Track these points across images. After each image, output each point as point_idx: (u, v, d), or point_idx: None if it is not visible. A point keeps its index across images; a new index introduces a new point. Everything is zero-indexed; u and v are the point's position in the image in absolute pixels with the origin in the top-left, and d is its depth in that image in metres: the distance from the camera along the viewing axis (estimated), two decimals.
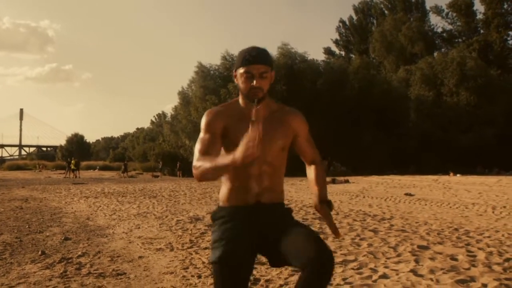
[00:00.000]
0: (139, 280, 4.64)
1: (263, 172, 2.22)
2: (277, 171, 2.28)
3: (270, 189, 2.26)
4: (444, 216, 9.10)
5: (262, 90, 2.16)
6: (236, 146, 1.91)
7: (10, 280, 4.61)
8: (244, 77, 2.16)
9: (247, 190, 2.21)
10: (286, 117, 2.32)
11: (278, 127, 2.26)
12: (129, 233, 7.52)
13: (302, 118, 2.39)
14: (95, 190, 17.83)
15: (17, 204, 12.49)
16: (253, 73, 2.13)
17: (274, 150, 2.24)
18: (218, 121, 2.21)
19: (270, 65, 2.19)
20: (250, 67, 2.14)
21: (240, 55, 2.19)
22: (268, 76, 2.18)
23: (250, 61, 2.14)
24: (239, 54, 2.21)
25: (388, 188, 17.81)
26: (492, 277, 4.24)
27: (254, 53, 2.16)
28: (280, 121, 2.29)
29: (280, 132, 2.27)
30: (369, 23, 57.65)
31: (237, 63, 2.19)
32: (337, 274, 4.51)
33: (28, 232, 7.67)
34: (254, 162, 2.10)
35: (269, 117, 2.25)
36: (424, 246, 5.78)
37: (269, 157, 2.22)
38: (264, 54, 2.18)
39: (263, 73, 2.15)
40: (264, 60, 2.16)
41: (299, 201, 12.41)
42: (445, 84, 40.61)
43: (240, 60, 2.17)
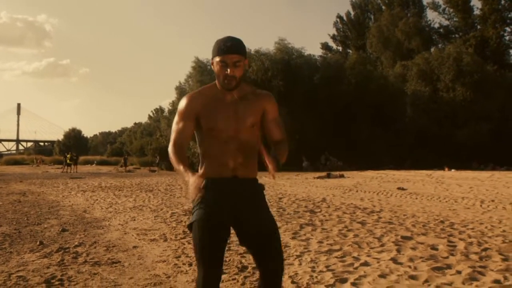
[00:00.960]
0: (133, 268, 4.85)
1: (238, 148, 2.44)
2: (250, 148, 2.48)
3: (244, 164, 2.47)
4: (433, 209, 9.33)
5: (236, 78, 2.38)
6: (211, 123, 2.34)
7: (10, 268, 4.82)
8: (219, 66, 2.38)
9: (223, 165, 2.43)
10: (257, 97, 2.53)
11: (249, 106, 2.48)
12: (125, 225, 7.73)
13: (272, 98, 2.60)
14: (92, 184, 18.03)
15: (16, 197, 12.70)
16: (227, 62, 2.35)
17: (246, 126, 2.45)
18: (193, 106, 2.43)
19: (243, 55, 2.39)
20: (224, 56, 2.35)
21: (216, 45, 2.40)
22: (241, 64, 2.38)
23: (225, 51, 2.35)
24: (215, 44, 2.41)
25: (382, 182, 18.04)
26: (467, 264, 4.48)
27: (229, 43, 2.37)
28: (251, 101, 2.50)
29: (250, 110, 2.47)
30: (366, 19, 57.78)
31: (213, 52, 2.40)
32: (320, 262, 4.74)
33: (26, 224, 7.88)
34: (230, 139, 2.38)
35: (242, 98, 2.48)
36: (408, 237, 6.02)
37: (242, 135, 2.44)
38: (238, 44, 2.39)
39: (237, 62, 2.36)
40: (238, 50, 2.37)
41: (292, 195, 12.64)
42: (441, 79, 40.79)
43: (216, 50, 2.38)
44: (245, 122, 2.45)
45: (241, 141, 2.44)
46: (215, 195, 2.40)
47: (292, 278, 4.21)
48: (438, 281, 3.97)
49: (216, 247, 2.35)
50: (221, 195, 2.41)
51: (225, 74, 2.37)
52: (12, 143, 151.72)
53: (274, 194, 13.01)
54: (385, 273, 4.25)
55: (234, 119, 2.42)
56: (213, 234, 2.34)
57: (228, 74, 2.36)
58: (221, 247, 2.39)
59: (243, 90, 2.51)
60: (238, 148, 2.44)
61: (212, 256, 2.34)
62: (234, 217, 2.44)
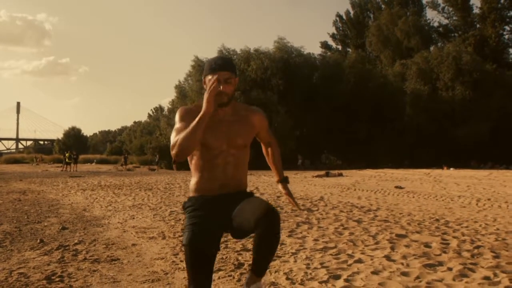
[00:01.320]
0: (132, 265, 4.95)
1: (228, 163, 2.55)
2: (240, 163, 2.61)
3: (234, 178, 2.58)
4: (429, 208, 9.43)
5: (227, 94, 2.48)
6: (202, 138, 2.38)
7: (11, 265, 4.92)
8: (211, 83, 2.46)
9: (214, 179, 2.54)
10: (249, 117, 2.64)
11: (242, 126, 2.59)
12: (124, 223, 7.83)
13: (262, 116, 2.73)
14: (92, 183, 18.13)
15: (16, 196, 12.79)
16: (219, 79, 2.44)
17: (238, 144, 2.57)
18: (188, 117, 2.49)
19: (234, 72, 2.51)
20: (215, 74, 2.45)
21: (207, 64, 2.52)
22: (232, 81, 2.50)
23: (216, 69, 2.46)
24: (206, 63, 2.54)
25: (380, 181, 18.14)
26: (459, 262, 4.57)
27: (220, 61, 2.49)
28: (244, 120, 2.62)
29: (243, 130, 2.59)
30: (366, 17, 57.83)
31: (205, 71, 2.52)
32: (315, 259, 4.83)
33: (27, 223, 7.98)
34: (220, 155, 2.45)
35: (233, 116, 2.59)
36: (402, 235, 6.11)
37: (232, 150, 2.55)
38: (228, 62, 2.53)
39: (228, 79, 2.47)
40: (228, 68, 2.49)
41: None
42: (440, 78, 40.91)
43: (208, 68, 2.50)
44: (236, 140, 2.56)
45: (231, 157, 2.55)
46: (202, 213, 2.50)
47: (287, 274, 4.30)
48: (429, 277, 4.06)
49: (204, 267, 2.45)
50: (208, 214, 2.49)
51: (217, 91, 2.45)
52: (12, 142, 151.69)
53: (273, 193, 13.10)
54: (378, 269, 4.34)
55: (225, 136, 2.53)
56: (201, 256, 2.42)
57: (220, 90, 2.44)
58: (210, 265, 2.48)
59: (235, 108, 2.62)
60: (228, 163, 2.54)
61: (201, 275, 2.44)
62: (224, 226, 2.53)
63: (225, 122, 2.56)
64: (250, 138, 2.67)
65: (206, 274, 2.46)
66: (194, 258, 2.42)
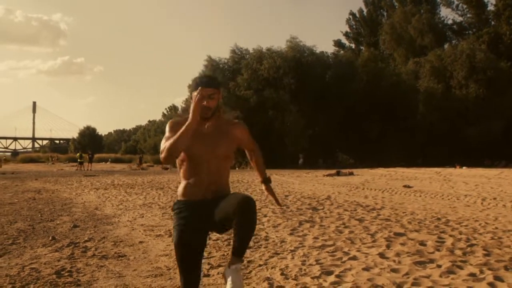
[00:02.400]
0: (137, 261, 5.20)
1: (211, 171, 2.82)
2: (222, 171, 2.88)
3: (217, 184, 2.84)
4: (433, 207, 9.57)
5: (210, 108, 2.78)
6: (188, 148, 2.70)
7: (24, 260, 5.20)
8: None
9: (198, 185, 2.80)
10: (230, 130, 2.90)
11: (224, 138, 2.85)
12: (133, 222, 8.10)
13: (243, 127, 2.98)
14: (105, 182, 18.50)
15: (31, 195, 13.15)
16: (204, 94, 2.73)
17: (219, 155, 2.83)
18: (177, 127, 2.76)
19: (217, 88, 2.81)
20: (201, 90, 2.73)
21: (194, 81, 2.81)
22: (216, 97, 2.80)
23: (201, 85, 2.75)
24: (193, 80, 2.82)
25: (390, 180, 18.26)
26: (449, 259, 4.75)
27: (205, 79, 2.80)
28: (226, 134, 2.88)
29: (225, 142, 2.85)
30: (379, 15, 57.69)
31: (192, 87, 2.80)
32: (312, 256, 5.05)
33: (40, 221, 8.29)
34: (204, 163, 2.77)
35: (217, 128, 2.86)
36: (400, 233, 6.29)
37: (215, 160, 2.82)
38: (212, 79, 2.84)
39: (211, 94, 2.77)
40: (212, 85, 2.79)
41: (298, 193, 12.94)
42: (454, 76, 40.72)
43: (194, 85, 2.78)
44: (218, 151, 2.82)
45: (214, 166, 2.81)
46: (188, 215, 2.78)
47: (283, 270, 4.51)
48: (417, 274, 4.25)
49: (192, 261, 2.76)
50: (194, 216, 2.77)
51: (202, 105, 2.74)
52: (28, 141, 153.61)
53: (281, 192, 13.32)
54: (369, 266, 4.54)
55: (208, 147, 2.80)
56: (189, 252, 2.73)
57: (204, 105, 2.74)
58: (197, 260, 2.79)
59: (218, 121, 2.89)
60: (211, 171, 2.81)
61: (189, 268, 2.76)
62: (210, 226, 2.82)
63: (208, 135, 2.83)
64: (232, 149, 2.92)
65: (194, 267, 2.76)
66: (182, 254, 2.72)
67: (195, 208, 2.79)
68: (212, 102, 2.77)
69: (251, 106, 36.61)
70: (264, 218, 7.99)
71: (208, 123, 2.83)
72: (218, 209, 2.71)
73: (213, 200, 2.78)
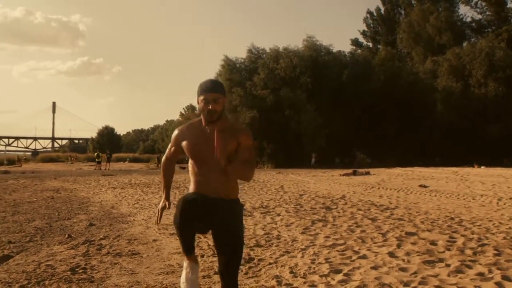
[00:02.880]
0: (150, 259, 5.30)
1: (215, 172, 2.91)
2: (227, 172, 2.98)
3: (222, 185, 2.95)
4: (447, 207, 9.54)
5: (216, 112, 2.89)
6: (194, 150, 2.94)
7: (40, 257, 5.33)
8: (203, 102, 2.90)
9: (205, 184, 2.93)
10: (234, 131, 2.98)
11: (229, 139, 2.94)
12: (148, 220, 8.22)
13: (246, 133, 3.02)
14: (123, 181, 18.70)
15: (49, 194, 13.37)
16: (209, 99, 2.87)
17: (224, 156, 2.90)
18: (180, 136, 3.05)
19: (222, 93, 2.92)
20: (206, 95, 2.88)
21: (199, 86, 2.93)
22: (221, 101, 2.91)
23: (206, 91, 2.89)
24: (199, 85, 2.94)
25: (406, 180, 18.18)
26: (458, 259, 4.76)
27: (209, 84, 2.92)
28: (228, 134, 2.95)
29: (230, 143, 2.94)
30: (396, 14, 57.41)
31: (198, 92, 2.93)
32: (322, 255, 5.09)
33: (57, 219, 8.45)
34: (209, 164, 2.90)
35: (222, 131, 2.94)
36: (412, 233, 6.30)
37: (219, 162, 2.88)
38: (217, 85, 2.94)
39: (216, 99, 2.88)
40: (217, 90, 2.91)
41: (313, 192, 12.96)
42: (473, 75, 40.38)
43: (200, 90, 2.92)
44: (224, 151, 2.90)
45: (219, 166, 2.89)
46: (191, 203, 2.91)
47: (292, 268, 4.57)
48: (425, 273, 4.28)
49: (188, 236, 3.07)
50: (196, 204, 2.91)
51: (207, 109, 2.88)
52: (48, 141, 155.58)
53: (296, 191, 13.37)
54: (378, 265, 4.57)
55: (212, 148, 2.88)
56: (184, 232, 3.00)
57: (210, 109, 2.87)
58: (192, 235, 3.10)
59: (224, 124, 2.98)
60: (215, 171, 2.90)
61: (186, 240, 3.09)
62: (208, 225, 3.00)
63: (213, 136, 2.91)
64: (233, 148, 2.98)
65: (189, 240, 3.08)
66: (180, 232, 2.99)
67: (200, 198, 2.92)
68: (217, 106, 2.88)
69: (268, 105, 36.69)
70: (277, 217, 8.06)
71: (214, 126, 2.92)
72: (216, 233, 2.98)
73: (218, 200, 2.92)
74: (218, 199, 2.92)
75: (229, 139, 2.94)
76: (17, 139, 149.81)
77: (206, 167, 2.91)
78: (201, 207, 2.90)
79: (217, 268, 3.28)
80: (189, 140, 2.99)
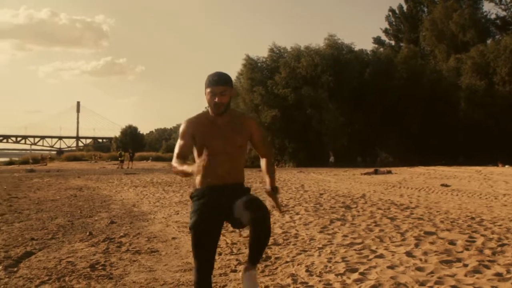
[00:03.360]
0: (169, 256, 5.38)
1: (225, 160, 2.97)
2: (237, 160, 3.06)
3: (231, 173, 3.01)
4: (468, 206, 9.43)
5: (223, 104, 2.93)
6: (204, 141, 2.89)
7: (61, 254, 5.45)
8: (210, 95, 2.94)
9: (214, 174, 2.92)
10: (243, 123, 3.07)
11: (237, 130, 3.02)
12: (168, 218, 8.31)
13: (255, 122, 3.18)
14: (145, 180, 18.89)
15: (72, 192, 13.59)
16: (216, 92, 2.91)
17: (234, 145, 2.99)
18: (190, 128, 3.00)
19: (229, 86, 2.96)
20: (213, 87, 2.92)
21: (207, 79, 2.96)
22: (227, 93, 2.95)
23: (213, 83, 2.92)
24: (206, 78, 2.97)
25: (428, 179, 18.00)
26: (477, 259, 4.72)
27: (216, 77, 2.94)
28: (239, 125, 3.04)
29: (238, 133, 3.02)
30: (419, 11, 56.66)
31: (205, 85, 2.96)
32: (339, 254, 5.10)
33: (79, 217, 8.60)
34: (219, 154, 2.91)
35: (231, 122, 3.02)
36: (431, 232, 6.25)
37: (229, 149, 2.98)
38: (224, 77, 2.96)
39: (223, 91, 2.92)
40: (224, 82, 2.93)
41: (333, 191, 12.92)
42: (497, 72, 39.71)
43: (207, 82, 2.95)
44: (232, 142, 2.99)
45: (228, 156, 2.97)
46: (206, 201, 2.96)
47: (308, 267, 4.59)
48: (442, 273, 4.25)
49: (206, 247, 2.93)
50: (211, 202, 2.95)
51: (214, 102, 2.92)
52: (72, 140, 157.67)
53: (316, 190, 13.35)
54: (394, 264, 4.56)
55: (222, 139, 2.96)
56: (203, 238, 2.91)
57: (216, 101, 2.91)
58: (211, 246, 2.96)
59: (232, 115, 3.04)
60: (225, 161, 2.96)
61: (203, 254, 2.93)
62: (224, 216, 2.99)
63: (223, 127, 2.99)
64: (245, 140, 3.08)
65: (208, 254, 2.94)
66: (198, 240, 2.90)
67: (212, 194, 2.96)
68: (224, 98, 2.92)
69: (289, 104, 36.69)
70: (296, 216, 8.07)
71: (222, 117, 2.97)
72: (235, 208, 2.86)
73: (228, 187, 2.96)
74: (228, 186, 2.97)
75: (240, 130, 3.01)
76: (43, 138, 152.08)
77: (216, 158, 2.89)
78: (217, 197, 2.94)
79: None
80: (200, 132, 2.98)
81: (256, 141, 3.15)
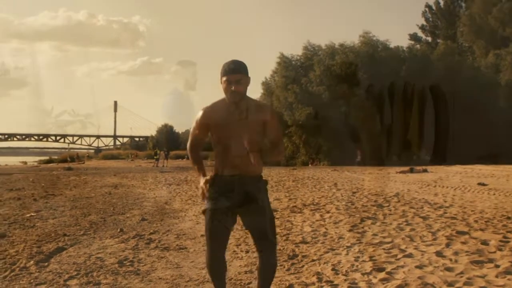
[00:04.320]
0: (196, 254, 5.41)
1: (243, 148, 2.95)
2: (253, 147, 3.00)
3: (247, 164, 2.98)
4: (505, 206, 9.16)
5: (240, 93, 2.94)
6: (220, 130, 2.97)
7: (92, 250, 5.56)
8: (225, 84, 2.96)
9: (231, 164, 2.99)
10: (259, 110, 3.06)
11: (253, 118, 3.01)
12: (199, 216, 8.32)
13: (271, 110, 3.20)
14: (179, 178, 19.07)
15: (107, 190, 13.82)
16: (231, 80, 2.92)
17: (250, 135, 2.96)
18: (205, 117, 3.04)
19: (245, 73, 2.96)
20: (229, 76, 2.93)
21: (222, 67, 2.97)
22: (243, 82, 2.96)
23: (229, 72, 2.94)
24: (222, 66, 2.98)
25: (464, 178, 17.59)
26: (509, 259, 4.58)
27: (232, 66, 2.96)
28: (254, 113, 3.03)
29: (254, 121, 3.01)
30: (456, 7, 55.44)
31: (221, 73, 2.97)
32: (367, 252, 5.03)
33: (112, 214, 8.75)
34: (235, 143, 2.93)
35: (247, 110, 3.01)
36: (464, 232, 6.10)
37: (246, 138, 2.95)
38: (239, 65, 2.97)
39: (239, 80, 2.93)
40: (239, 70, 2.96)
41: (366, 190, 12.76)
42: None
43: (223, 71, 2.96)
44: (248, 130, 2.97)
45: (244, 146, 2.94)
46: (221, 189, 3.00)
47: (334, 266, 4.55)
48: (472, 273, 4.14)
49: (220, 233, 3.02)
50: (227, 190, 2.99)
51: (230, 90, 2.93)
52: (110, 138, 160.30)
53: (349, 188, 13.21)
54: (423, 264, 4.47)
55: (239, 127, 2.95)
56: (218, 222, 2.98)
57: (233, 90, 2.91)
58: (225, 233, 3.05)
59: (248, 103, 3.03)
60: (242, 150, 2.94)
61: (217, 239, 3.03)
62: (238, 208, 3.01)
63: (238, 115, 2.99)
64: (261, 127, 3.06)
65: (220, 243, 3.07)
66: (212, 224, 2.99)
67: (228, 182, 3.00)
68: (240, 87, 2.93)
69: (324, 102, 36.48)
70: (326, 214, 8.01)
71: (238, 105, 2.97)
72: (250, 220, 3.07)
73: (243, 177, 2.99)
74: (244, 177, 2.99)
75: (256, 118, 3.00)
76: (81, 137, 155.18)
77: (231, 147, 2.95)
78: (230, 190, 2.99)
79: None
80: (215, 120, 3.00)
81: (269, 129, 3.10)
